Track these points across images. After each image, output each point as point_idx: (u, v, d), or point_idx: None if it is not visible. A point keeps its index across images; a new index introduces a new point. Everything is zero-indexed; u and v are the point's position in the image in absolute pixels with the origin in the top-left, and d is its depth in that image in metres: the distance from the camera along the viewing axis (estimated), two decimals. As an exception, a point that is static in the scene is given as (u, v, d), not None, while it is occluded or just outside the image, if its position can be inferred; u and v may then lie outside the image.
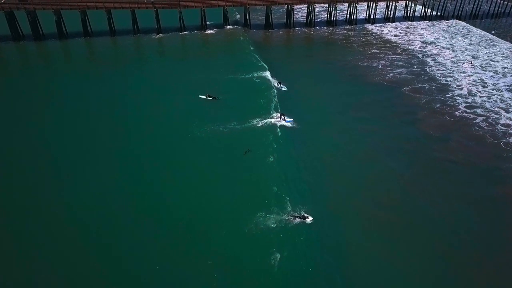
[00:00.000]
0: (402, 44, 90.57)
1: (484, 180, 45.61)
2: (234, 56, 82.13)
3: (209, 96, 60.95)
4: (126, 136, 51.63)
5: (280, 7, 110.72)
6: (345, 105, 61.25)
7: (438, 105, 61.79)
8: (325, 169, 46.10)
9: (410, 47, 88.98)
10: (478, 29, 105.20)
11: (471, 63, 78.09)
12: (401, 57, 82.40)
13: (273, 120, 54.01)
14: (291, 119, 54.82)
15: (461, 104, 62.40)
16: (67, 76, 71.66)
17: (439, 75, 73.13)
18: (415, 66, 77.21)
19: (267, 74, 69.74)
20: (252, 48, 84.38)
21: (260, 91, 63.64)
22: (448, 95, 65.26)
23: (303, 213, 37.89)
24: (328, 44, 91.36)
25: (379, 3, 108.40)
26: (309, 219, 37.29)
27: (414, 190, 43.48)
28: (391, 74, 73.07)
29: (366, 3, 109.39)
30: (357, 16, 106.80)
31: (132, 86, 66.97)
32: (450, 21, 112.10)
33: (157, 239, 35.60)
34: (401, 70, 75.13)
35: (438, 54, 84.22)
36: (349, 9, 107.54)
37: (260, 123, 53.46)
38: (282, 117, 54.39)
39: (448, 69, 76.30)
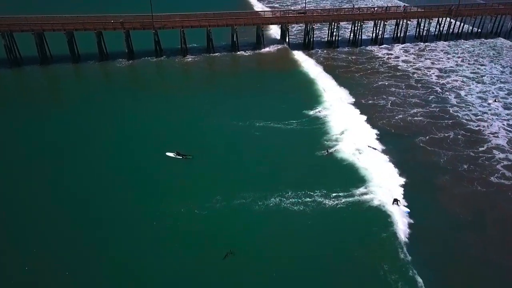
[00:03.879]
0: (415, 73, 75.70)
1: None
2: (218, 91, 67.72)
3: (179, 154, 47.35)
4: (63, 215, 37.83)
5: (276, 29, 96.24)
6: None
7: (465, 166, 46.87)
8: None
9: (426, 77, 74.07)
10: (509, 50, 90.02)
11: (494, 101, 62.96)
12: (415, 91, 67.41)
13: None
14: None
15: (498, 163, 47.37)
16: (11, 112, 59.31)
17: (466, 118, 58.05)
18: (433, 105, 62.21)
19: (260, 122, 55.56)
20: (240, 81, 71.24)
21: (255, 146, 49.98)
22: (480, 149, 50.27)
23: None
24: (326, 73, 76.58)
25: (388, 21, 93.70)
26: None
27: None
28: (401, 116, 58.40)
29: (372, 21, 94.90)
30: (362, 36, 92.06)
31: (86, 133, 53.63)
32: (470, 41, 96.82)
33: None
34: (415, 110, 60.22)
35: (461, 87, 69.05)
36: (352, 28, 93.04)
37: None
38: (396, 203, 38.60)
39: (477, 108, 61.23)
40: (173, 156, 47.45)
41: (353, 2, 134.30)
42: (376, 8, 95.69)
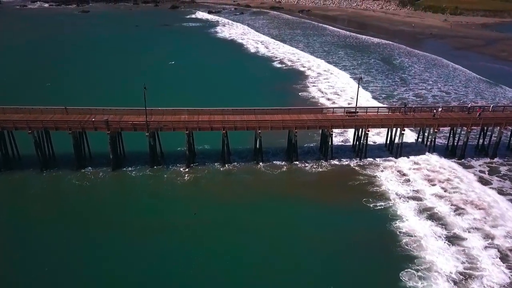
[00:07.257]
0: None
1: None
2: (221, 248, 45.53)
3: None
4: None
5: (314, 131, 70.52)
6: None
7: None
8: None
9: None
10: None
11: None
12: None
13: None
14: None
15: None
16: None
17: None
18: None
19: None
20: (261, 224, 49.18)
21: None
22: None
23: None
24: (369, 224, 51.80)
25: (473, 128, 67.62)
26: None
27: None
28: None
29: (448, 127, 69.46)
30: (434, 142, 66.85)
31: None
32: None
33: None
34: None
35: None
36: (421, 134, 68.49)
37: None
38: None
39: None
40: None
41: (409, 85, 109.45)
42: (441, 110, 68.54)
